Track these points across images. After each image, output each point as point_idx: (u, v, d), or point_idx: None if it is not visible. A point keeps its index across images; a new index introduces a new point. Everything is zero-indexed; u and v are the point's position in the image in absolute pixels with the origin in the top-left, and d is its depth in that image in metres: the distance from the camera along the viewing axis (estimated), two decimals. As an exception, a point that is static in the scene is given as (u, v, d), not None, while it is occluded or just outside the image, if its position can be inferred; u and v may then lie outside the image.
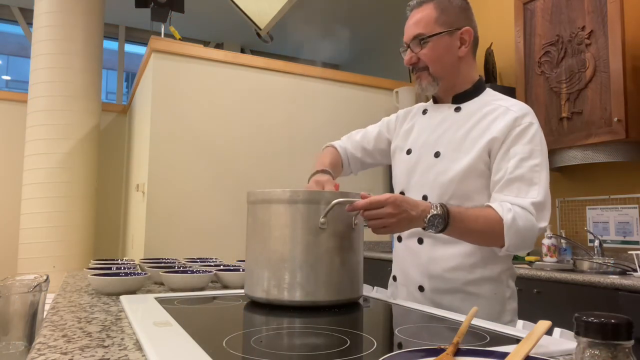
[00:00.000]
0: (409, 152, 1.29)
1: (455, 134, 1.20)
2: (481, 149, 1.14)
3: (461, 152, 1.17)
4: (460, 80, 1.25)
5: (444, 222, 1.03)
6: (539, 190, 1.09)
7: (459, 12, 1.22)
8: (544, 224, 1.09)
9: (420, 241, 1.22)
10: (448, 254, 1.17)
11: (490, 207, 1.09)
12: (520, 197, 1.08)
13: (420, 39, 1.20)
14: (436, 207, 1.03)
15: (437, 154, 1.21)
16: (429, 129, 1.27)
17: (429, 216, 1.02)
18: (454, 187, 1.16)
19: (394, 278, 1.32)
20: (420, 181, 1.23)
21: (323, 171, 1.31)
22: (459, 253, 1.16)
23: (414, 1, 1.25)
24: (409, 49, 1.23)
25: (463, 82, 1.25)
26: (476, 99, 1.24)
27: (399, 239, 1.29)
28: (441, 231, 1.04)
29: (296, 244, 1.00)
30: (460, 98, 1.25)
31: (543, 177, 1.10)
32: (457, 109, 1.24)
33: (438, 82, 1.23)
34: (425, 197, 1.20)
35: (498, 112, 1.17)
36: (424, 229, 1.04)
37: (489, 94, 1.25)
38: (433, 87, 1.24)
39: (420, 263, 1.21)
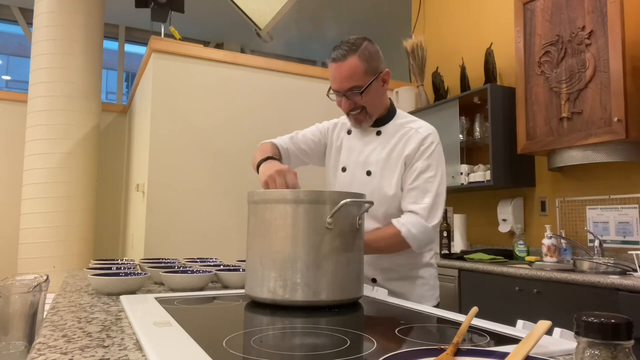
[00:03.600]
0: (344, 169, 1.50)
1: (380, 155, 1.44)
2: (401, 167, 1.40)
3: (387, 170, 1.42)
4: (382, 109, 1.48)
5: None
6: (430, 196, 1.37)
7: (377, 57, 1.41)
8: (435, 221, 1.37)
9: None
10: None
11: (391, 223, 1.37)
12: (417, 204, 1.37)
13: (358, 91, 1.38)
14: None
15: (368, 173, 1.44)
16: (357, 149, 1.49)
17: None
18: (397, 201, 1.40)
19: None
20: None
21: (272, 158, 1.40)
22: None
23: (336, 53, 1.39)
24: (344, 97, 1.41)
25: (383, 110, 1.49)
26: (391, 123, 1.49)
27: None
28: None
29: (303, 244, 1.01)
30: (379, 122, 1.48)
31: (435, 186, 1.39)
32: (378, 133, 1.48)
33: (372, 118, 1.46)
34: None
35: (410, 134, 1.44)
36: None
37: (400, 116, 1.50)
38: (368, 123, 1.47)
39: (371, 261, 1.43)
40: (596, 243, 2.55)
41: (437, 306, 1.48)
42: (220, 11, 5.63)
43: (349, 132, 1.55)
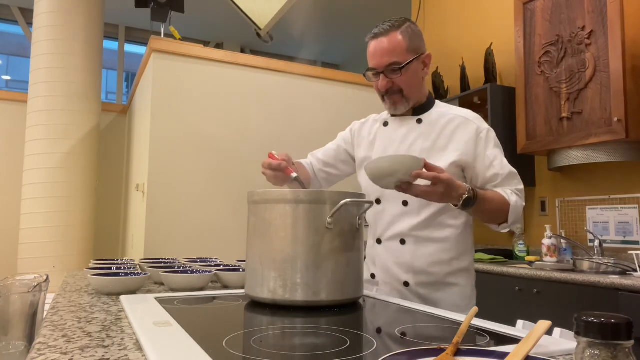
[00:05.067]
0: None
1: (424, 144, 1.36)
2: (453, 160, 1.32)
3: (433, 158, 1.32)
4: (420, 96, 1.42)
5: (474, 203, 1.21)
6: (518, 178, 1.37)
7: (420, 38, 1.37)
8: (524, 202, 1.38)
9: (402, 242, 1.36)
10: (429, 251, 1.34)
11: (497, 192, 1.33)
12: (511, 187, 1.35)
13: (397, 67, 1.32)
14: (469, 191, 1.20)
15: None
16: (396, 140, 1.41)
17: (464, 198, 1.18)
18: None
19: (372, 276, 1.42)
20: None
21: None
22: (439, 249, 1.34)
23: (378, 29, 1.35)
24: (382, 75, 1.35)
25: (422, 97, 1.42)
26: (432, 111, 1.42)
27: (379, 242, 1.41)
28: (467, 209, 1.22)
29: (303, 244, 1.00)
30: (419, 110, 1.42)
31: (511, 166, 1.37)
32: (419, 121, 1.40)
33: (410, 102, 1.39)
34: (405, 203, 1.35)
35: (457, 121, 1.37)
36: (455, 206, 1.21)
37: (439, 105, 1.44)
38: (405, 107, 1.40)
39: (403, 262, 1.35)
40: (596, 243, 2.55)
41: None
42: (220, 11, 5.63)
43: (385, 124, 1.47)
